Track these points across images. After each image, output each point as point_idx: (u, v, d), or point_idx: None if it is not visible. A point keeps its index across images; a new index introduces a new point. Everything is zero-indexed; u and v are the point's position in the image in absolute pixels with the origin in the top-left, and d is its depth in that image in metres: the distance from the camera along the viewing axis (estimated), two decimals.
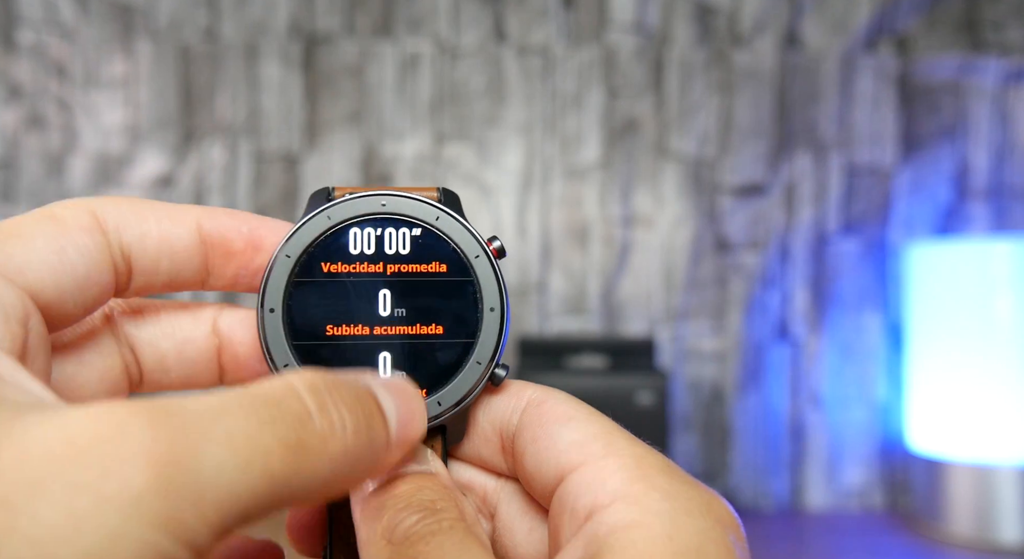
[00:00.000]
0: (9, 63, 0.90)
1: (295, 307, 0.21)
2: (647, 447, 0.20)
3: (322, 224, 0.22)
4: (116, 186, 0.91)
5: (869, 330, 0.92)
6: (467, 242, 0.22)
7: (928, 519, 0.83)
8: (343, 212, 0.22)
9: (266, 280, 0.21)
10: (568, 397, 0.21)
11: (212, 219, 0.21)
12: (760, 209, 0.93)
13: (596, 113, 0.93)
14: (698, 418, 0.92)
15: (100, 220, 0.19)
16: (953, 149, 0.93)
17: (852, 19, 0.93)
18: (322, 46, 0.92)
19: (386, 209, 0.22)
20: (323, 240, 0.22)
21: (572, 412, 0.21)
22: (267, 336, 0.21)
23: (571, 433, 0.20)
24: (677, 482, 0.18)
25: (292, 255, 0.21)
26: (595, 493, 0.18)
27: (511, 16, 0.92)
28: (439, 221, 0.22)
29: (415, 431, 0.18)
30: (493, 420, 0.22)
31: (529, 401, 0.21)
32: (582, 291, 0.92)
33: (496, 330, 0.22)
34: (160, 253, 0.20)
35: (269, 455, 0.14)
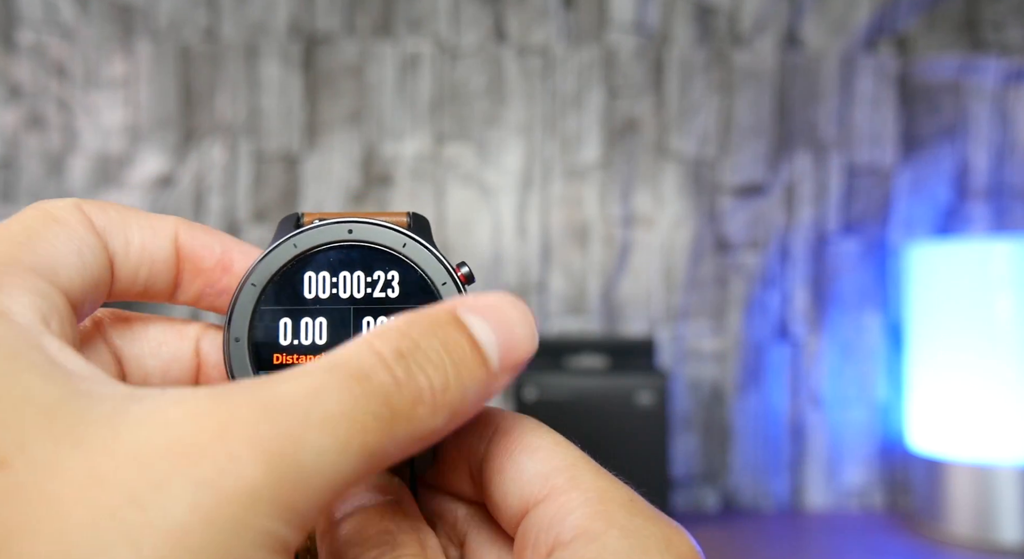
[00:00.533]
0: (9, 63, 0.90)
1: (260, 335, 0.21)
2: (612, 479, 0.19)
3: (288, 252, 0.21)
4: (116, 186, 0.91)
5: (869, 330, 0.92)
6: (434, 269, 0.22)
7: (928, 519, 0.83)
8: (309, 240, 0.22)
9: (232, 308, 0.21)
10: (537, 426, 0.21)
11: (189, 233, 0.21)
12: (760, 209, 0.93)
13: (596, 113, 0.93)
14: (698, 418, 0.92)
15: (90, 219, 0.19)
16: (953, 149, 0.93)
17: (852, 19, 0.93)
18: (322, 46, 0.92)
19: (352, 236, 0.22)
20: (289, 268, 0.22)
21: (538, 442, 0.20)
22: (232, 365, 0.21)
23: (536, 465, 0.20)
24: (638, 518, 0.18)
25: (258, 283, 0.21)
26: (557, 529, 0.18)
27: (511, 16, 0.92)
28: (406, 248, 0.22)
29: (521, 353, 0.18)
30: (460, 448, 0.22)
31: (496, 429, 0.21)
32: (582, 291, 0.93)
33: None
34: (140, 261, 0.20)
35: (366, 433, 0.15)
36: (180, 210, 0.91)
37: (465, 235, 0.92)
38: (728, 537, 0.82)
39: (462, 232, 0.92)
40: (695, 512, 0.91)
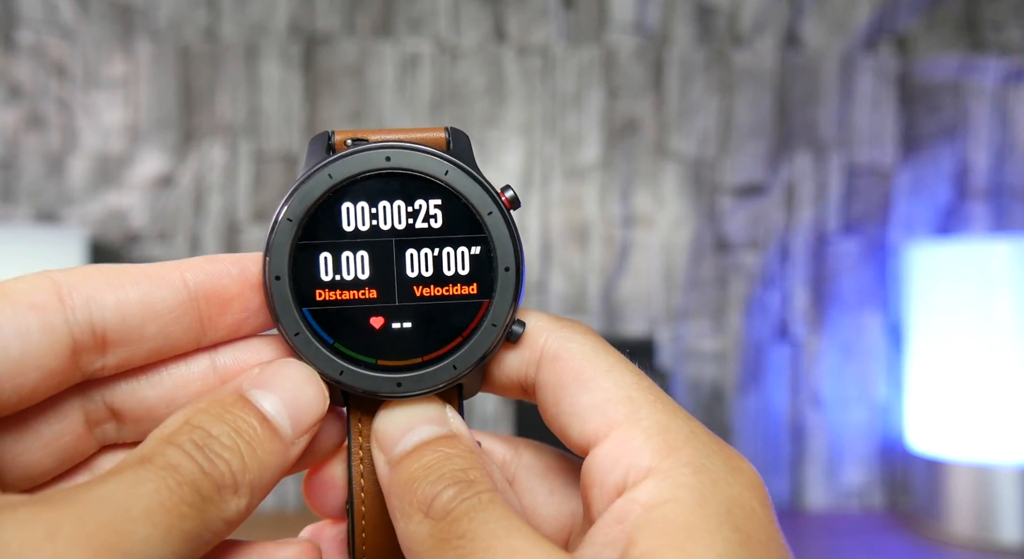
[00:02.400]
0: (9, 63, 0.90)
1: (301, 272, 0.20)
2: (669, 409, 0.19)
3: (323, 182, 0.20)
4: (116, 186, 0.91)
5: (869, 330, 0.92)
6: (479, 197, 0.21)
7: (928, 519, 0.83)
8: (344, 169, 0.20)
9: (269, 245, 0.20)
10: (583, 344, 0.20)
11: (195, 270, 0.20)
12: (760, 209, 0.93)
13: (596, 113, 0.93)
14: (698, 418, 0.92)
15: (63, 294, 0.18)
16: (953, 149, 0.93)
17: (852, 19, 0.93)
18: (322, 46, 0.92)
19: (391, 163, 0.21)
20: (326, 200, 0.20)
21: (589, 371, 0.20)
22: (276, 305, 0.20)
23: (590, 397, 0.19)
24: (703, 452, 0.18)
25: (294, 218, 0.20)
26: (625, 469, 0.18)
27: (511, 16, 0.92)
28: (448, 175, 0.21)
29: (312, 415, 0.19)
30: (509, 374, 0.22)
31: (543, 353, 0.21)
32: (582, 291, 0.92)
33: (511, 290, 0.21)
34: (144, 319, 0.19)
35: (183, 520, 0.16)
36: (180, 210, 0.91)
37: None
38: None
39: None
40: None
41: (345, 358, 0.20)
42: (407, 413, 0.21)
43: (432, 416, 0.21)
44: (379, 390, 0.21)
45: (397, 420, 0.21)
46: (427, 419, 0.21)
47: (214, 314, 0.20)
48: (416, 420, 0.21)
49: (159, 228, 0.91)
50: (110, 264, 0.20)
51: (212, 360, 0.21)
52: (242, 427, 0.18)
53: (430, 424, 0.20)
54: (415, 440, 0.20)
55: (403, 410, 0.21)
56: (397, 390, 0.21)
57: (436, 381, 0.21)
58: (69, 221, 0.90)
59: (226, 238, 0.91)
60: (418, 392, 0.21)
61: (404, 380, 0.21)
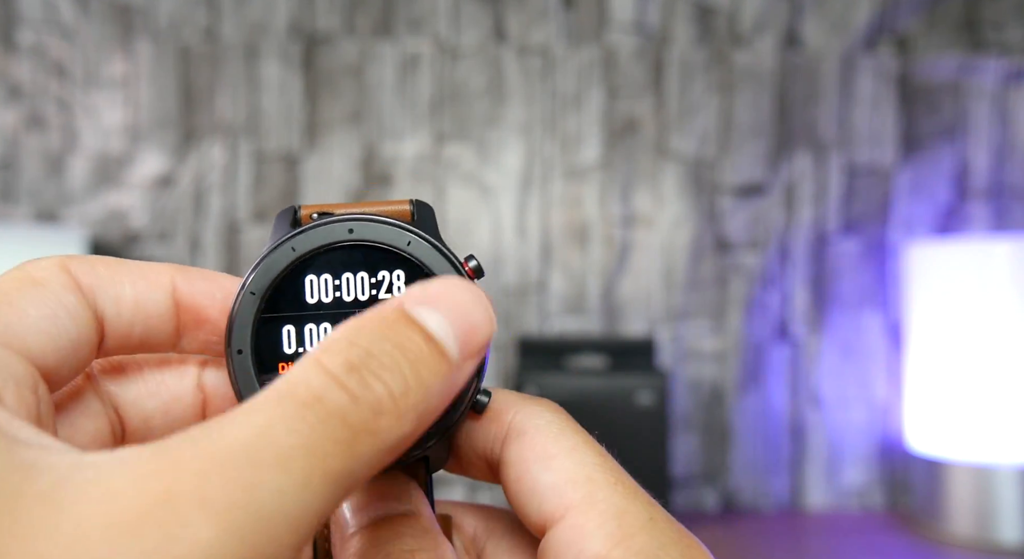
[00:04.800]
0: (9, 63, 0.90)
1: (264, 345, 0.20)
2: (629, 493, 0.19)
3: (287, 255, 0.20)
4: (116, 186, 0.91)
5: (869, 330, 0.92)
6: (441, 266, 0.21)
7: (928, 519, 0.83)
8: (308, 242, 0.20)
9: (232, 320, 0.20)
10: (550, 422, 0.20)
11: (187, 282, 0.20)
12: (760, 209, 0.93)
13: (596, 113, 0.93)
14: (698, 418, 0.92)
15: (76, 279, 0.18)
16: (953, 149, 0.93)
17: (852, 19, 0.93)
18: (322, 46, 0.92)
19: (354, 236, 0.21)
20: (289, 273, 0.20)
21: (553, 448, 0.19)
22: (238, 379, 0.20)
23: (551, 476, 0.19)
24: (659, 540, 0.18)
25: (257, 291, 0.20)
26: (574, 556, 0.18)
27: (511, 16, 0.92)
28: (411, 246, 0.21)
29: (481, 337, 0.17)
30: (475, 448, 0.21)
31: (510, 429, 0.20)
32: (582, 291, 0.92)
33: None
34: (134, 318, 0.19)
35: (327, 459, 0.14)
36: (180, 210, 0.91)
37: (465, 235, 0.92)
38: (728, 537, 0.82)
39: (462, 232, 0.92)
40: (695, 512, 0.91)
41: None
42: (367, 489, 0.20)
43: (392, 492, 0.20)
44: None
45: (355, 497, 0.20)
46: (386, 496, 0.20)
47: (190, 326, 0.20)
48: (375, 497, 0.20)
49: (159, 228, 0.91)
50: (113, 258, 0.20)
51: (199, 377, 0.21)
52: (406, 345, 0.16)
53: (388, 501, 0.20)
54: (370, 517, 0.20)
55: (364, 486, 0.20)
56: None
57: None
58: (69, 221, 0.90)
59: (226, 238, 0.91)
60: None
61: None
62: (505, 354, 0.92)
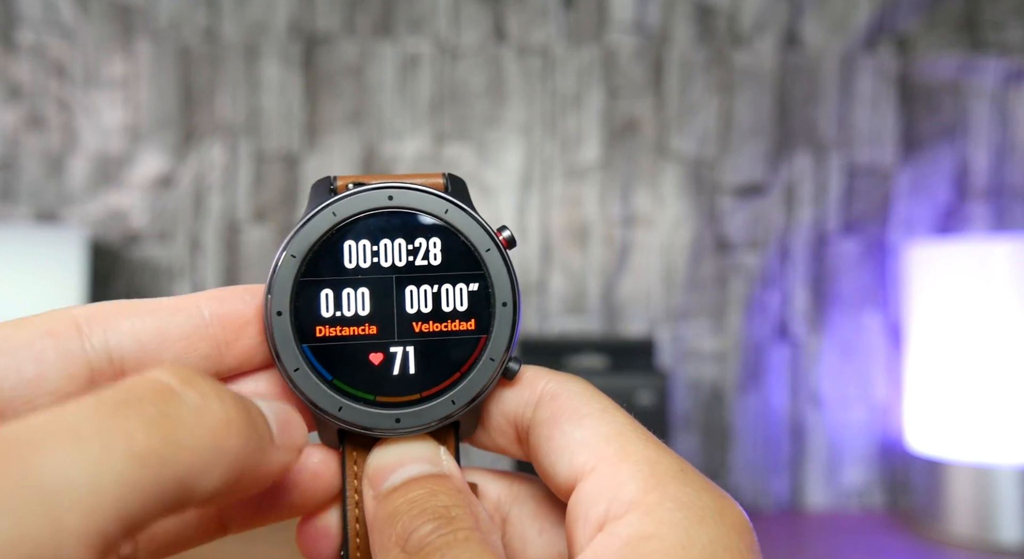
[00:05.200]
0: (9, 63, 0.90)
1: (303, 308, 0.21)
2: (660, 447, 0.19)
3: (327, 220, 0.21)
4: (116, 186, 0.91)
5: (869, 330, 0.92)
6: (477, 235, 0.22)
7: (928, 519, 0.83)
8: (349, 207, 0.21)
9: (271, 281, 0.20)
10: (583, 389, 0.21)
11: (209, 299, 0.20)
12: (760, 209, 0.93)
13: (596, 113, 0.93)
14: (698, 418, 0.92)
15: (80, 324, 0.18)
16: (953, 149, 0.93)
17: (852, 19, 0.93)
18: (322, 46, 0.92)
19: (393, 202, 0.21)
20: (329, 237, 0.21)
21: (585, 408, 0.20)
22: (276, 340, 0.20)
23: (583, 432, 0.20)
24: (691, 489, 0.18)
25: (298, 254, 0.21)
26: (608, 502, 0.18)
27: (511, 16, 0.92)
28: (448, 214, 0.21)
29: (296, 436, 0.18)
30: (507, 413, 0.22)
31: (542, 394, 0.21)
32: (582, 291, 0.92)
33: (508, 325, 0.21)
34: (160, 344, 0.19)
35: (130, 436, 0.13)
36: (180, 210, 0.91)
37: None
38: None
39: None
40: None
41: (344, 394, 0.21)
42: (400, 450, 0.21)
43: (425, 454, 0.21)
44: (377, 426, 0.21)
45: (389, 456, 0.21)
46: (419, 457, 0.21)
47: (230, 339, 0.20)
48: (408, 457, 0.21)
49: (159, 228, 0.91)
50: (125, 300, 0.20)
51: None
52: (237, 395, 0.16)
53: (422, 462, 0.20)
54: (404, 476, 0.20)
55: (397, 447, 0.21)
56: (395, 426, 0.21)
57: (434, 416, 0.21)
58: (69, 221, 0.90)
59: (226, 238, 0.91)
60: (416, 428, 0.21)
61: (403, 416, 0.21)
62: None
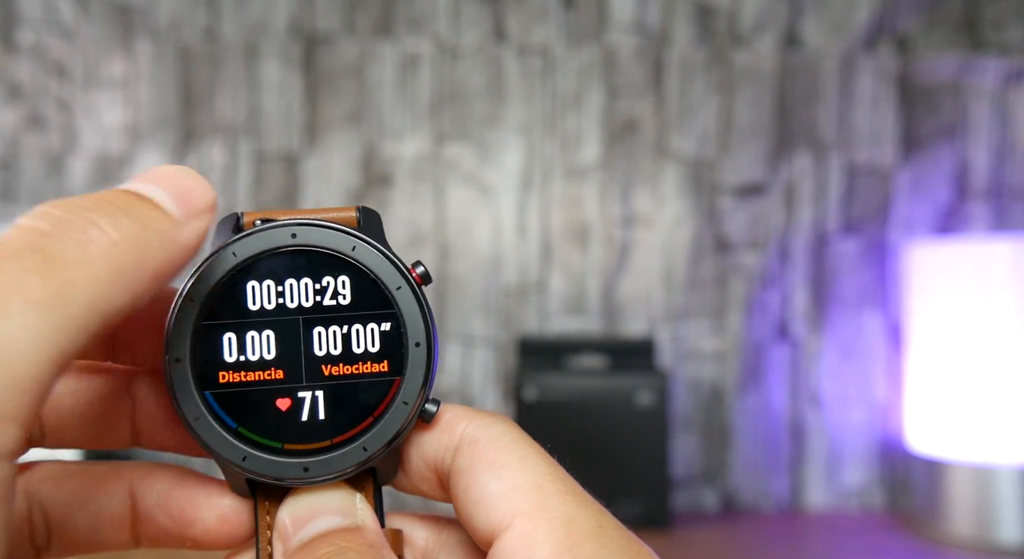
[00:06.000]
0: (9, 63, 0.90)
1: (203, 354, 0.19)
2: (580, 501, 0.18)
3: (228, 261, 0.20)
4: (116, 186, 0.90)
5: (869, 330, 0.92)
6: (387, 272, 0.20)
7: (928, 519, 0.83)
8: (249, 247, 0.20)
9: (169, 326, 0.19)
10: (502, 433, 0.20)
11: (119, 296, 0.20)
12: (760, 209, 0.93)
13: (596, 113, 0.93)
14: (698, 418, 0.92)
15: None
16: (953, 149, 0.93)
17: (852, 19, 0.93)
18: (322, 46, 0.92)
19: (297, 240, 0.20)
20: (230, 279, 0.20)
21: (504, 457, 0.19)
22: (175, 387, 0.19)
23: (501, 484, 0.19)
24: (608, 547, 0.17)
25: (196, 298, 0.19)
26: None
27: (511, 16, 0.92)
28: (355, 251, 0.20)
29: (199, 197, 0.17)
30: (426, 458, 0.20)
31: (461, 438, 0.20)
32: (582, 291, 0.92)
33: (423, 366, 0.20)
34: None
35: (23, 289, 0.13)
36: None
37: (465, 235, 0.92)
38: (728, 537, 0.82)
39: (462, 232, 0.92)
40: (695, 512, 0.91)
41: (249, 443, 0.19)
42: (311, 501, 0.20)
43: (338, 506, 0.20)
44: (284, 476, 0.20)
45: (300, 508, 0.20)
46: (331, 509, 0.20)
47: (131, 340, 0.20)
48: (320, 509, 0.20)
49: None
50: None
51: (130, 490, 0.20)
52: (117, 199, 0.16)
53: (333, 514, 0.19)
54: (313, 531, 0.19)
55: (308, 498, 0.20)
56: (304, 475, 0.20)
57: (345, 465, 0.20)
58: None
59: None
60: (326, 477, 0.20)
61: (311, 465, 0.20)
62: (505, 354, 0.92)
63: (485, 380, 0.92)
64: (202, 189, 0.18)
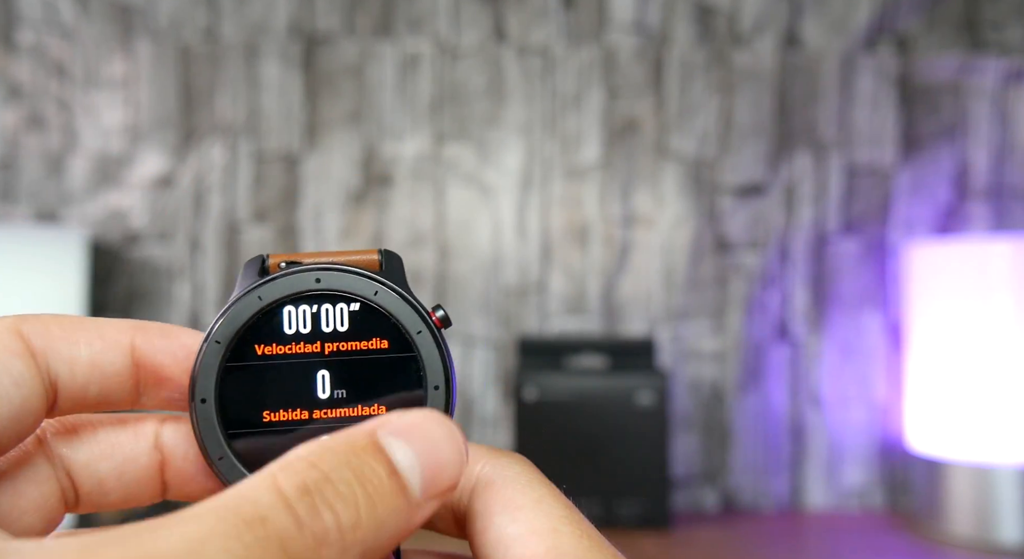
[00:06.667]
0: (9, 63, 0.90)
1: (228, 395, 0.20)
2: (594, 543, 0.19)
3: (253, 304, 0.20)
4: (116, 186, 0.91)
5: (869, 330, 0.92)
6: (408, 317, 0.21)
7: (928, 519, 0.83)
8: (275, 291, 0.21)
9: (196, 368, 0.20)
10: (519, 474, 0.20)
11: (146, 341, 0.20)
12: (760, 209, 0.93)
13: (596, 113, 0.93)
14: (698, 418, 0.92)
15: (28, 343, 0.18)
16: (953, 149, 0.93)
17: (852, 19, 0.93)
18: (322, 46, 0.92)
19: (321, 286, 0.21)
20: (254, 322, 0.20)
21: (520, 499, 0.19)
22: (200, 428, 0.20)
23: (517, 527, 0.19)
24: None
25: (223, 340, 0.20)
26: None
27: (511, 16, 0.92)
28: (377, 295, 0.21)
29: (447, 479, 0.17)
30: None
31: (478, 479, 0.20)
32: (582, 291, 0.93)
33: (441, 409, 0.21)
34: (89, 379, 0.19)
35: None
36: (180, 210, 0.91)
37: (465, 235, 0.92)
38: (728, 537, 0.82)
39: (462, 232, 0.92)
40: (695, 512, 0.91)
41: None
42: None
43: None
44: None
45: None
46: None
47: (150, 385, 0.20)
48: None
49: (159, 228, 0.91)
50: (69, 315, 0.19)
51: (156, 436, 0.21)
52: (367, 475, 0.15)
53: None
54: None
55: None
56: None
57: None
58: (69, 221, 0.90)
59: (226, 238, 0.91)
60: None
61: None
62: (505, 354, 0.92)
63: (485, 380, 0.92)
64: (455, 467, 0.17)
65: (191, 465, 0.21)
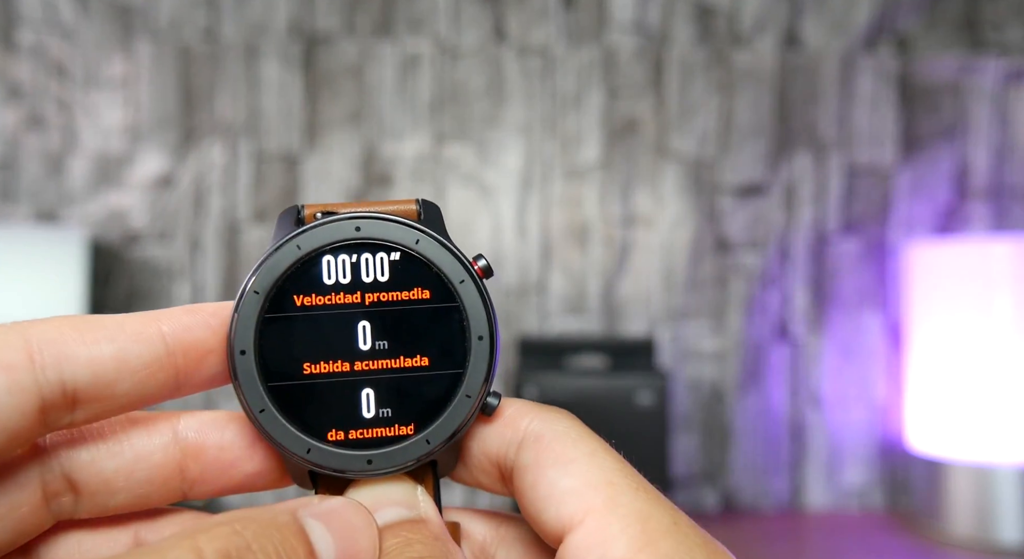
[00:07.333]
0: (9, 63, 0.90)
1: (267, 346, 0.20)
2: (652, 497, 0.18)
3: (292, 254, 0.20)
4: (116, 186, 0.91)
5: (869, 330, 0.92)
6: (451, 266, 0.20)
7: (928, 519, 0.83)
8: (314, 240, 0.20)
9: (234, 320, 0.20)
10: (568, 427, 0.20)
11: (174, 323, 0.19)
12: (760, 209, 0.93)
13: (596, 113, 0.93)
14: (698, 418, 0.92)
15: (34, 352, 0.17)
16: (953, 149, 0.93)
17: (852, 19, 0.93)
18: (322, 46, 0.92)
19: (361, 234, 0.20)
20: (293, 271, 0.20)
21: (572, 452, 0.19)
22: (241, 380, 0.19)
23: (571, 480, 0.18)
24: (683, 547, 0.17)
25: (261, 290, 0.20)
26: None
27: (511, 16, 0.92)
28: (419, 244, 0.20)
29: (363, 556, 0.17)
30: (488, 452, 0.20)
31: (526, 434, 0.20)
32: (582, 291, 0.92)
33: (485, 360, 0.20)
34: (118, 376, 0.18)
35: None
36: (180, 210, 0.91)
37: (465, 235, 0.92)
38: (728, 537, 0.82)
39: (462, 232, 0.92)
40: (695, 512, 0.91)
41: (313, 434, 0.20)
42: (374, 493, 0.20)
43: (400, 498, 0.20)
44: (348, 468, 0.20)
45: (362, 500, 0.20)
46: (394, 501, 0.20)
47: (191, 368, 0.19)
48: (382, 501, 0.20)
49: (159, 228, 0.91)
50: (84, 316, 0.19)
51: (174, 431, 0.20)
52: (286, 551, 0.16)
53: (396, 506, 0.20)
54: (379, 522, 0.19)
55: (370, 490, 0.20)
56: (367, 468, 0.20)
57: (407, 457, 0.20)
58: (69, 221, 0.90)
59: (226, 238, 0.91)
60: (389, 469, 0.20)
61: (374, 457, 0.20)
62: (505, 354, 0.92)
63: None
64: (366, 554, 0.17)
65: (223, 453, 0.20)
